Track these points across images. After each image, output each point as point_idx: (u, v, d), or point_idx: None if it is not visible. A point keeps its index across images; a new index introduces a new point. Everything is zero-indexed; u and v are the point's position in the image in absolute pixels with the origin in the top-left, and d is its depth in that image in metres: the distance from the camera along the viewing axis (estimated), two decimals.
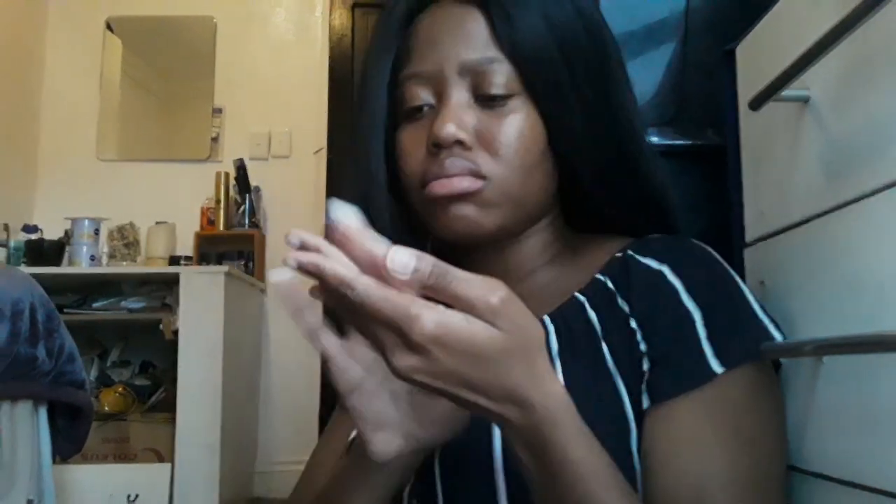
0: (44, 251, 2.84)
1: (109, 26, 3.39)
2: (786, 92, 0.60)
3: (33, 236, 2.90)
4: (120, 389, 2.74)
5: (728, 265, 0.61)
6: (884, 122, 0.52)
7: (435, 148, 0.61)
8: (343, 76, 3.22)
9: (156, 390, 2.79)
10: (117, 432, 2.63)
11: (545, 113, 0.62)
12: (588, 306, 0.61)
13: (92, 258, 2.85)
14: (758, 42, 0.73)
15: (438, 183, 0.61)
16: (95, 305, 2.79)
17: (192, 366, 2.54)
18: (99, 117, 3.33)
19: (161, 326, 2.61)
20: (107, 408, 2.65)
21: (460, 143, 0.60)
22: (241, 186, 3.09)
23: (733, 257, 0.70)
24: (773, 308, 0.61)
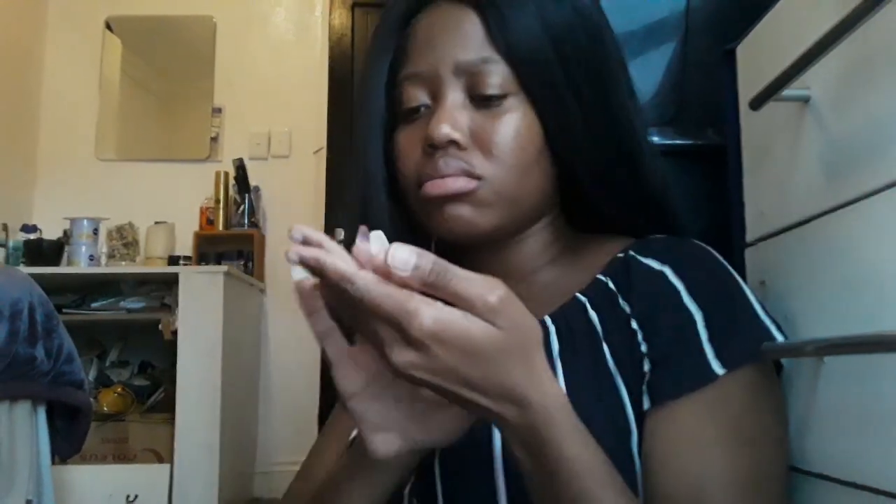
0: (43, 251, 2.83)
1: (109, 26, 3.39)
2: (786, 92, 0.60)
3: (32, 236, 2.90)
4: (119, 390, 2.74)
5: (729, 266, 0.61)
6: (884, 122, 0.52)
7: (430, 148, 0.61)
8: (343, 76, 3.22)
9: (155, 390, 2.78)
10: (116, 433, 2.63)
11: (541, 112, 0.62)
12: (589, 307, 0.61)
13: (91, 258, 2.85)
14: (758, 42, 0.73)
15: (433, 183, 0.61)
16: (94, 305, 2.79)
17: (192, 366, 2.54)
18: (98, 117, 3.33)
19: (160, 326, 2.61)
20: (106, 408, 2.65)
21: (455, 144, 0.61)
22: (241, 186, 3.09)
23: (734, 257, 0.70)
24: (774, 308, 0.61)
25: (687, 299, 0.58)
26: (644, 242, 0.64)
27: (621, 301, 0.60)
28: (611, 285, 0.61)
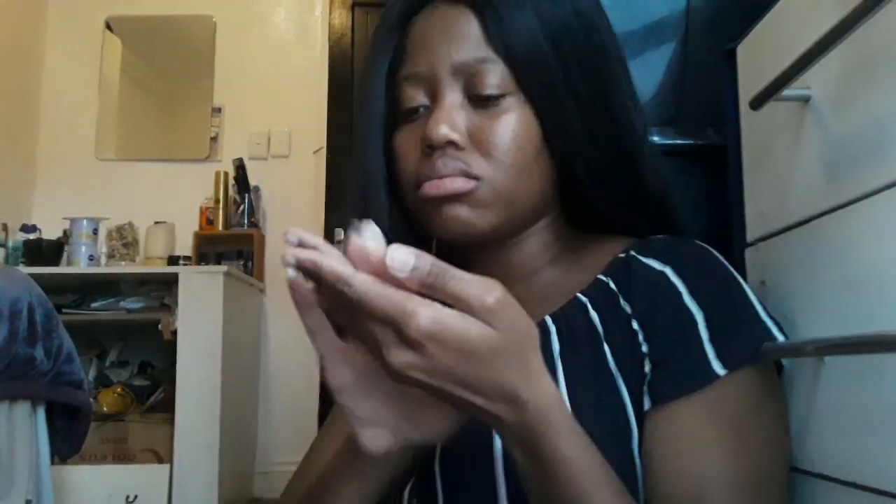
0: (42, 251, 2.83)
1: (109, 26, 3.39)
2: (786, 91, 0.60)
3: (32, 236, 2.90)
4: (119, 390, 2.74)
5: (730, 266, 0.61)
6: (884, 122, 0.52)
7: (428, 149, 0.61)
8: (343, 76, 3.22)
9: (154, 390, 2.78)
10: (116, 433, 2.63)
11: (540, 112, 0.62)
12: (590, 307, 0.61)
13: (91, 258, 2.85)
14: (758, 41, 0.73)
15: (431, 184, 0.61)
16: (94, 305, 2.79)
17: (191, 366, 2.54)
18: (98, 117, 3.33)
19: (160, 326, 2.61)
20: (105, 408, 2.65)
21: (453, 144, 0.61)
22: (241, 186, 3.09)
23: (734, 257, 0.70)
24: (774, 308, 0.61)
25: (688, 299, 0.58)
26: (645, 242, 0.63)
27: (622, 301, 0.60)
28: (612, 285, 0.61)
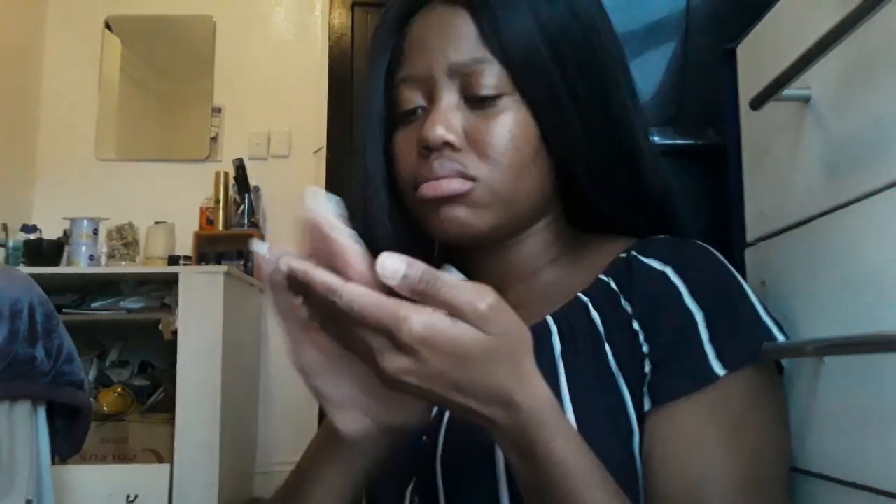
0: (42, 251, 2.83)
1: (108, 26, 3.39)
2: (786, 91, 0.60)
3: (32, 236, 2.90)
4: (119, 390, 2.74)
5: (731, 266, 0.61)
6: (884, 122, 0.52)
7: (425, 150, 0.62)
8: (343, 76, 3.22)
9: (155, 390, 2.79)
10: (116, 433, 2.63)
11: (537, 112, 0.62)
12: (591, 307, 0.61)
13: (91, 258, 2.85)
14: (758, 41, 0.73)
15: (428, 185, 0.61)
16: (94, 305, 2.79)
17: (192, 366, 2.54)
18: (98, 117, 3.33)
19: (160, 326, 2.61)
20: (106, 408, 2.65)
21: (449, 145, 0.61)
22: (241, 186, 3.09)
23: (734, 257, 0.70)
24: (774, 308, 0.61)
25: (688, 300, 0.57)
26: (646, 243, 0.63)
27: (623, 301, 0.60)
28: (613, 285, 0.61)
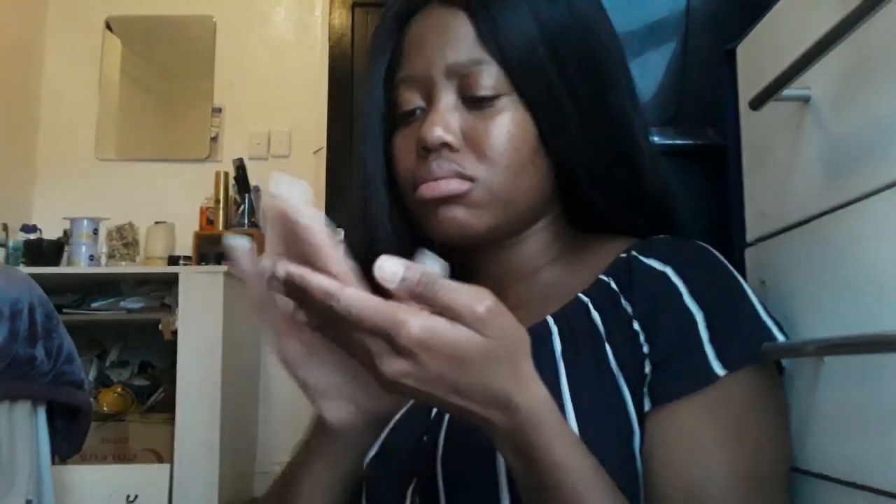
0: (42, 251, 2.83)
1: (109, 26, 3.39)
2: (786, 91, 0.60)
3: (32, 236, 2.90)
4: (119, 390, 2.74)
5: (731, 266, 0.61)
6: (884, 122, 0.52)
7: (423, 151, 0.62)
8: (343, 76, 3.22)
9: (155, 390, 2.78)
10: (116, 433, 2.63)
11: (535, 113, 0.62)
12: (592, 307, 0.61)
13: (91, 258, 2.85)
14: (758, 41, 0.73)
15: (426, 186, 0.61)
16: (94, 305, 2.79)
17: (192, 366, 2.54)
18: (98, 117, 3.33)
19: (160, 326, 2.61)
20: (106, 408, 2.65)
21: (447, 146, 0.61)
22: (241, 186, 3.09)
23: (734, 257, 0.70)
24: (774, 308, 0.61)
25: (688, 300, 0.58)
26: (646, 243, 0.63)
27: (623, 301, 0.60)
28: (613, 286, 0.61)
